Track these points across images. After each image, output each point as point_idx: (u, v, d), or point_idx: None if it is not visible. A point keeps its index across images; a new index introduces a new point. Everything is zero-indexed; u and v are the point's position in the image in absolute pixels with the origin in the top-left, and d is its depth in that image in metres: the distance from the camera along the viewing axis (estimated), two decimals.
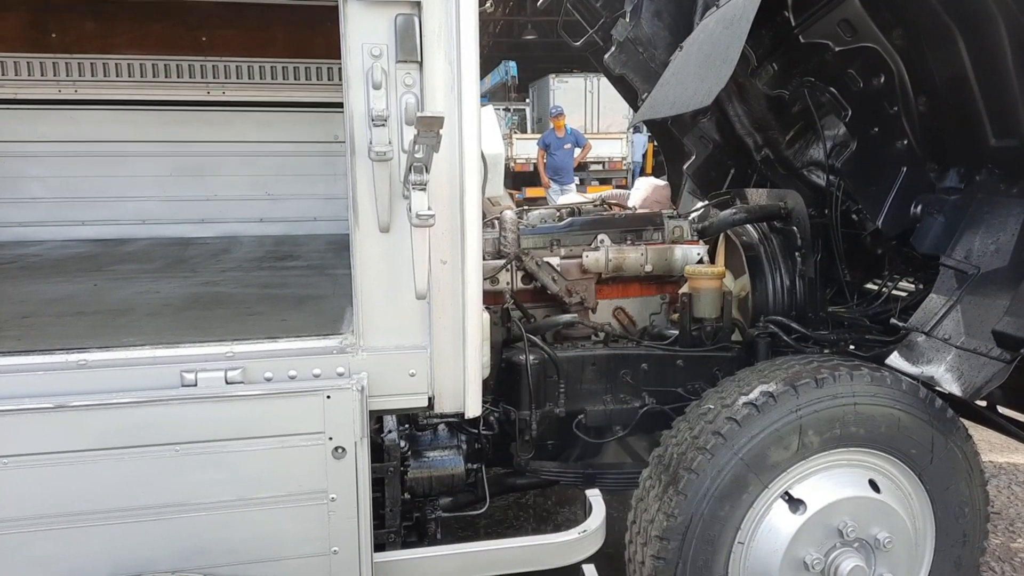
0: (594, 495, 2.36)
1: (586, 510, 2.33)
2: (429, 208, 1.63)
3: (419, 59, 1.73)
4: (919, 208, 2.67)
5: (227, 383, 1.76)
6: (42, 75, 3.91)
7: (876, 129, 2.74)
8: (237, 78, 4.07)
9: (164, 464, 1.73)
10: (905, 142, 2.66)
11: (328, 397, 1.79)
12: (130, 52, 3.96)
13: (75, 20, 3.91)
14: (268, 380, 1.80)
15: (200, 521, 1.77)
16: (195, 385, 1.75)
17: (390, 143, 1.73)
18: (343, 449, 1.80)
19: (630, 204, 4.84)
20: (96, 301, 2.40)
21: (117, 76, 3.98)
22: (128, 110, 3.96)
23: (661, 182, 4.65)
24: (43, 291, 2.56)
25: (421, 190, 1.64)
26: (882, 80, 2.58)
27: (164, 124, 3.97)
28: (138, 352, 1.76)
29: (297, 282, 2.72)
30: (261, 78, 4.09)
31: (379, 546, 2.17)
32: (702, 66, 2.23)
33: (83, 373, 1.72)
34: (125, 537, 1.75)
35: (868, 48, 2.52)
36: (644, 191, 4.76)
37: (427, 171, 1.63)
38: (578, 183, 13.62)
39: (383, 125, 1.72)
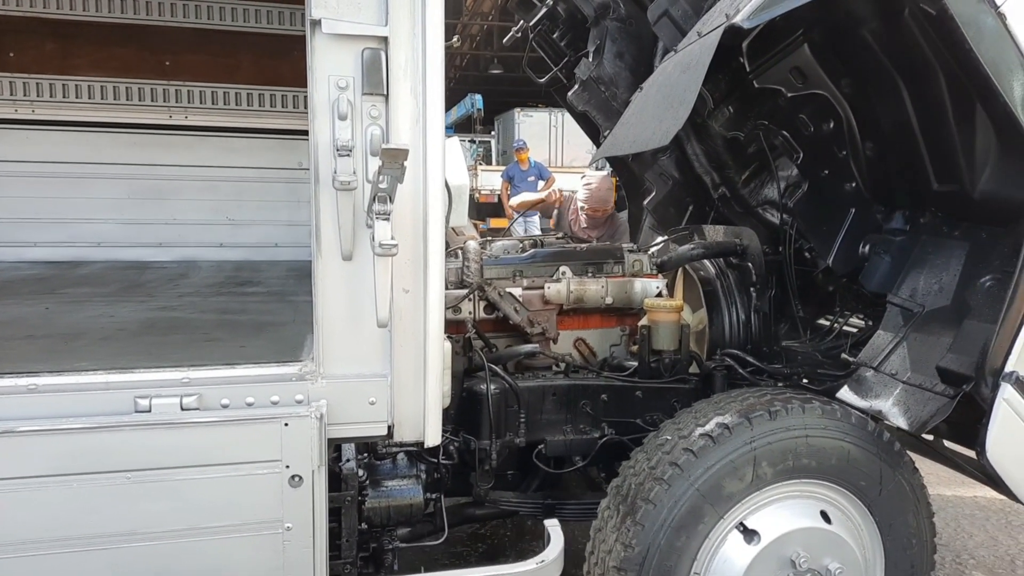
0: (552, 525, 2.36)
1: (544, 540, 2.32)
2: (392, 238, 1.65)
3: (385, 92, 1.77)
4: (867, 248, 2.78)
5: (182, 409, 1.73)
6: None
7: (826, 171, 2.85)
8: (200, 103, 4.05)
9: (115, 492, 1.69)
10: (853, 185, 2.77)
11: (286, 425, 1.77)
12: (91, 74, 3.92)
13: (34, 40, 3.86)
14: (225, 407, 1.78)
15: (150, 551, 1.73)
16: (149, 411, 1.72)
17: (354, 173, 1.75)
18: (300, 478, 1.78)
19: (581, 204, 4.92)
20: (47, 325, 2.35)
21: (77, 97, 3.93)
22: (87, 132, 3.90)
23: (599, 172, 4.76)
24: None
25: (385, 220, 1.66)
26: (831, 125, 2.69)
27: (124, 147, 3.93)
28: (90, 377, 1.73)
29: (257, 308, 2.70)
30: (225, 104, 4.08)
31: None
32: (660, 107, 2.30)
33: (33, 398, 1.68)
34: (71, 568, 1.69)
35: (818, 95, 2.63)
36: (587, 191, 4.88)
37: (391, 201, 1.65)
38: (539, 214, 13.76)
39: (348, 155, 1.74)
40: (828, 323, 3.29)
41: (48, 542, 1.67)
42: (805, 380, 2.93)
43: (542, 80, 4.33)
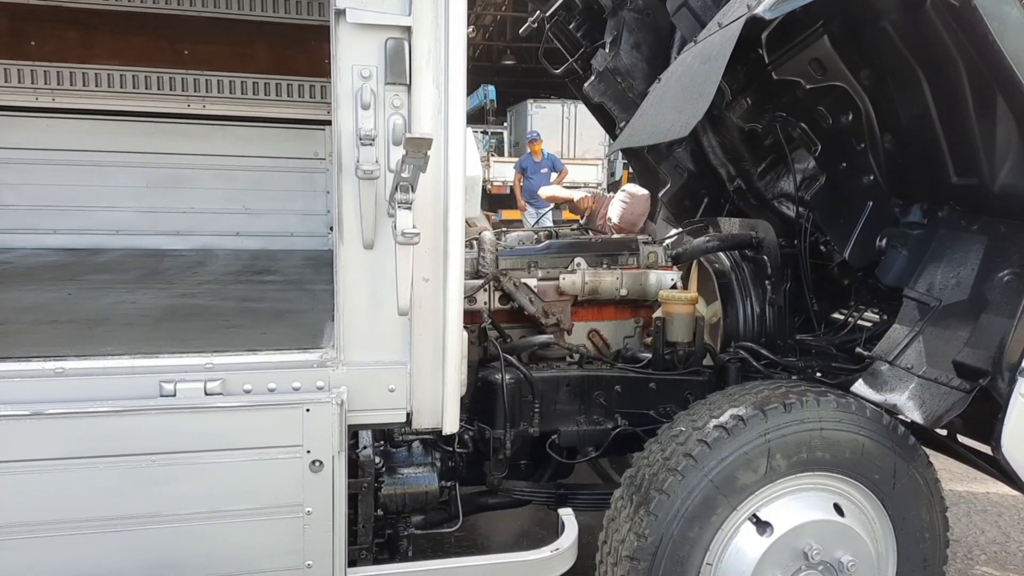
0: (566, 514, 2.39)
1: (558, 529, 2.35)
2: (414, 226, 1.67)
3: (408, 82, 1.78)
4: (884, 241, 2.77)
5: (206, 394, 1.76)
6: (19, 82, 3.88)
7: (844, 164, 2.84)
8: (218, 92, 4.08)
9: (139, 474, 1.72)
10: (871, 177, 2.76)
11: (307, 410, 1.80)
12: (110, 63, 3.95)
13: (55, 29, 3.89)
14: (247, 392, 1.80)
15: (173, 533, 1.76)
16: (174, 395, 1.75)
17: (377, 162, 1.76)
18: (321, 463, 1.81)
19: (610, 216, 4.86)
20: (71, 310, 2.38)
21: (96, 86, 3.96)
22: (106, 120, 3.94)
23: (642, 191, 4.67)
24: (16, 299, 2.53)
25: (407, 209, 1.67)
26: (850, 118, 2.68)
27: (143, 136, 3.96)
28: (116, 361, 1.76)
29: (275, 296, 2.72)
30: (243, 93, 4.10)
31: (351, 562, 2.16)
32: (680, 99, 2.30)
33: (60, 381, 1.71)
34: (95, 548, 1.73)
35: (837, 87, 2.62)
36: (621, 206, 4.76)
37: (413, 190, 1.67)
38: (553, 206, 13.76)
39: (371, 144, 1.75)
40: (843, 317, 3.29)
41: (73, 523, 1.71)
42: (819, 373, 2.93)
43: (558, 71, 4.32)
